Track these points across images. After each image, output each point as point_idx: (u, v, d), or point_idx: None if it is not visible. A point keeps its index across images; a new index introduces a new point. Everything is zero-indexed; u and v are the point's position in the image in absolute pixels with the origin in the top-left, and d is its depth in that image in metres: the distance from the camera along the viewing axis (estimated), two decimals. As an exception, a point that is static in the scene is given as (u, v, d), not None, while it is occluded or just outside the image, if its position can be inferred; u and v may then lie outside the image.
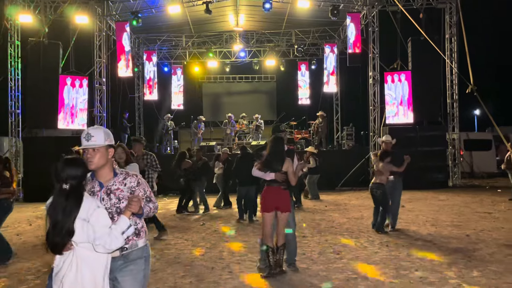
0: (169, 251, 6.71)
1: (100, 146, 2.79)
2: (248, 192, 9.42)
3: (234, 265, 5.81)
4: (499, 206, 10.58)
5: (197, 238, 7.64)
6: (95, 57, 15.84)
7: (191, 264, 5.93)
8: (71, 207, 2.48)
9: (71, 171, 2.54)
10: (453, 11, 15.92)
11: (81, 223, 2.49)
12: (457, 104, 16.26)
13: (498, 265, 5.43)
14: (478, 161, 19.04)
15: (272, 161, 5.21)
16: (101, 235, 2.49)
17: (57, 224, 2.45)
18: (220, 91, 22.82)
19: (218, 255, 6.37)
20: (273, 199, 5.18)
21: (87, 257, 2.52)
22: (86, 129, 2.86)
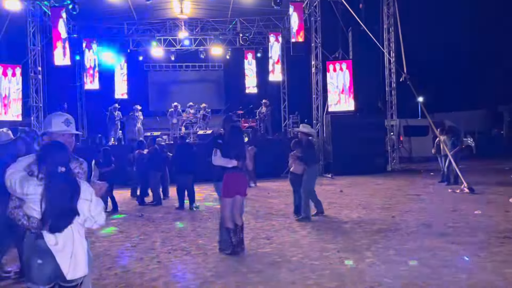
0: (101, 244, 6.62)
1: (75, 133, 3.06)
2: (187, 180, 9.47)
3: (164, 254, 5.83)
4: (428, 188, 11.23)
5: (133, 230, 7.58)
6: (29, 44, 15.08)
7: (120, 255, 5.90)
8: (73, 190, 2.62)
9: (63, 155, 2.68)
10: (391, 2, 16.50)
11: (87, 204, 2.68)
12: (395, 92, 16.96)
13: (413, 243, 5.81)
14: (416, 146, 20.01)
15: (236, 150, 5.55)
16: (98, 213, 2.74)
17: (57, 207, 2.56)
18: (167, 80, 22.44)
19: (149, 246, 6.36)
20: (236, 185, 5.57)
21: (83, 231, 2.74)
22: (62, 115, 3.03)
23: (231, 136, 5.68)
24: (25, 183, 2.59)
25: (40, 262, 2.60)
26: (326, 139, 16.50)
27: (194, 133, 17.52)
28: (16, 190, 2.61)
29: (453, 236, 6.10)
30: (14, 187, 2.61)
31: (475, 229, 6.42)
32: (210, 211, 9.08)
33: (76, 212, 2.63)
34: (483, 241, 5.72)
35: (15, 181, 2.61)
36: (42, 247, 2.61)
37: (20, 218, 2.67)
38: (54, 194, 2.56)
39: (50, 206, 2.55)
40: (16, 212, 2.68)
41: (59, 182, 2.58)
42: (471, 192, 10.07)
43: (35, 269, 2.61)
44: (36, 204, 2.58)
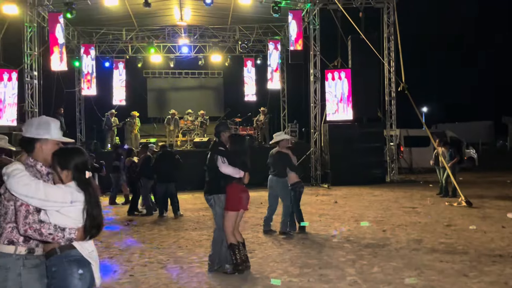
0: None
1: None
2: (168, 188, 9.46)
3: (140, 267, 5.59)
4: (425, 201, 10.92)
5: (114, 240, 7.35)
6: (26, 49, 15.01)
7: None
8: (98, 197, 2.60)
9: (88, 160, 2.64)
10: (391, 10, 16.30)
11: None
12: (395, 101, 16.69)
13: (400, 260, 5.53)
14: (417, 157, 19.67)
15: (247, 162, 5.21)
16: None
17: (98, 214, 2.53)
18: (166, 87, 22.32)
19: (127, 258, 6.13)
20: (244, 198, 5.18)
21: None
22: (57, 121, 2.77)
23: (236, 144, 5.29)
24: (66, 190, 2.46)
25: (81, 272, 2.47)
26: (323, 148, 16.25)
27: (191, 140, 17.34)
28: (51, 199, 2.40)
29: (443, 253, 5.81)
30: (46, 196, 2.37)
31: (467, 246, 6.13)
32: (197, 221, 8.84)
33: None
34: (473, 259, 5.43)
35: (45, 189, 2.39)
36: (79, 257, 2.47)
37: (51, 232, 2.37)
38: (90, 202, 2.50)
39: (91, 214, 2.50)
40: (44, 226, 2.37)
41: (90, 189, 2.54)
42: (469, 205, 9.75)
43: (76, 280, 2.44)
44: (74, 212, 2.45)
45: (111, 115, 17.18)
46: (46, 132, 2.61)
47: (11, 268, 2.43)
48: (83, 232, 2.45)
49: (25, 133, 2.61)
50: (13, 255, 2.45)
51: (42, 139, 2.59)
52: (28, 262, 2.47)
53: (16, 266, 2.44)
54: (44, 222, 2.39)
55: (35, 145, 2.59)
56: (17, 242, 2.45)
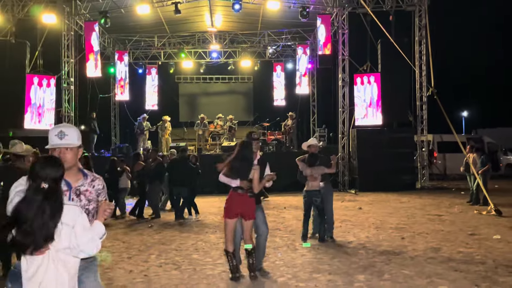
0: (99, 254, 6.65)
1: (74, 146, 2.74)
2: (180, 193, 9.70)
3: (155, 268, 5.78)
4: (453, 208, 10.61)
5: (135, 241, 7.60)
6: (63, 56, 15.76)
7: (113, 267, 5.90)
8: (52, 210, 2.35)
9: (51, 171, 2.42)
10: (422, 13, 15.95)
11: (66, 229, 2.39)
12: (426, 106, 16.29)
13: (413, 268, 5.44)
14: (451, 164, 19.06)
15: (239, 168, 5.08)
16: (86, 242, 2.42)
17: (32, 224, 2.30)
18: (197, 92, 22.78)
19: (144, 258, 6.34)
20: (238, 206, 5.09)
21: (67, 262, 2.43)
22: (58, 127, 2.76)
23: (237, 152, 5.24)
24: (15, 198, 2.41)
25: (9, 286, 2.44)
26: (351, 153, 16.06)
27: (220, 144, 17.60)
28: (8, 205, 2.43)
29: (459, 262, 5.66)
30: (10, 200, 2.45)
31: (486, 256, 5.94)
32: (217, 225, 8.99)
33: (49, 236, 2.33)
34: (489, 270, 5.26)
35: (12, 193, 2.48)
36: (15, 270, 2.43)
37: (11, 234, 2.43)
38: (27, 208, 2.32)
39: (21, 225, 2.30)
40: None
41: (37, 197, 2.34)
42: (498, 214, 9.39)
43: None
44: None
45: (143, 119, 17.70)
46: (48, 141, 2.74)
47: None
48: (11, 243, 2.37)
49: None
50: None
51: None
52: None
53: None
54: None
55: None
56: None
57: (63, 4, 15.38)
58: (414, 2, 16.00)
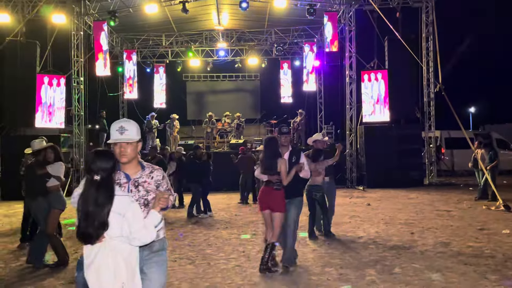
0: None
1: (134, 141, 2.84)
2: (194, 189, 9.93)
3: (169, 262, 5.88)
4: (462, 204, 10.66)
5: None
6: (73, 56, 15.94)
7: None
8: (103, 199, 2.52)
9: (101, 163, 2.57)
10: (430, 10, 15.95)
11: (117, 217, 2.52)
12: (433, 102, 16.30)
13: (423, 262, 5.53)
14: (459, 160, 19.05)
15: (266, 163, 5.31)
16: (138, 229, 2.54)
17: (88, 215, 2.49)
18: (204, 90, 22.93)
19: (159, 253, 6.47)
20: (265, 199, 5.33)
21: (123, 250, 2.55)
22: (119, 122, 2.86)
23: (264, 148, 5.47)
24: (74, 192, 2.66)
25: (76, 275, 2.68)
26: (359, 150, 16.13)
27: (227, 142, 17.73)
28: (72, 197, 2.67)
29: (468, 256, 5.74)
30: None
31: (495, 250, 6.01)
32: (228, 221, 9.12)
33: (104, 224, 2.49)
34: (499, 263, 5.35)
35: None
36: (81, 259, 2.59)
37: None
38: (84, 203, 2.52)
39: (82, 214, 2.50)
40: None
41: (91, 190, 2.52)
42: (507, 210, 9.44)
43: (80, 278, 2.61)
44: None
45: (151, 117, 17.86)
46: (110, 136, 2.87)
47: None
48: (76, 229, 2.55)
49: None
50: None
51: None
52: None
53: None
54: None
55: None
56: None
57: (72, 4, 15.56)
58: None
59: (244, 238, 7.36)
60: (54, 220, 5.98)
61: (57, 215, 6.02)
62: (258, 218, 9.38)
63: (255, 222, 8.86)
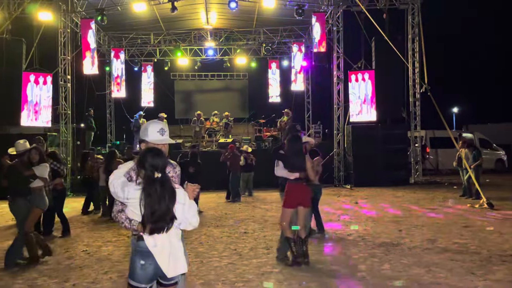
0: (106, 248, 6.84)
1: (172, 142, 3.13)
2: None
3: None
4: (447, 202, 10.91)
5: (140, 235, 7.75)
6: (60, 54, 15.79)
7: (121, 261, 6.05)
8: (170, 196, 2.74)
9: (161, 161, 2.78)
10: (415, 11, 16.22)
11: (181, 207, 2.80)
12: (419, 102, 16.59)
13: (411, 258, 5.68)
14: (444, 159, 19.43)
15: (297, 162, 5.47)
16: (192, 215, 2.86)
17: (157, 211, 2.69)
18: (192, 88, 22.89)
19: (151, 251, 6.50)
20: (298, 196, 5.49)
21: (178, 233, 2.88)
22: (157, 124, 3.03)
23: (289, 146, 5.58)
24: (125, 188, 2.76)
25: (143, 263, 2.75)
26: (347, 149, 16.33)
27: (216, 141, 17.76)
28: (118, 194, 2.79)
29: (455, 252, 5.92)
30: (116, 191, 2.79)
31: (480, 246, 6.20)
32: (219, 219, 9.18)
33: (173, 216, 2.76)
34: (484, 259, 5.53)
35: (117, 186, 2.79)
36: (144, 248, 2.75)
37: (123, 221, 2.82)
38: (151, 199, 2.70)
39: (149, 210, 2.69)
40: (120, 215, 2.83)
41: (156, 187, 2.71)
42: (490, 207, 9.70)
43: (138, 269, 2.76)
44: (136, 208, 2.73)
45: (139, 116, 17.79)
46: (145, 135, 3.00)
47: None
48: (141, 225, 2.74)
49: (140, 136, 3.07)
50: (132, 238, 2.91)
51: (143, 140, 3.01)
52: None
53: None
54: (120, 212, 2.83)
55: (141, 145, 3.06)
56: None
57: (59, 1, 15.41)
58: (407, 1, 16.26)
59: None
60: (34, 218, 6.18)
61: (38, 214, 6.25)
62: (247, 216, 9.48)
63: (246, 220, 8.95)
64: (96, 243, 7.18)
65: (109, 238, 7.59)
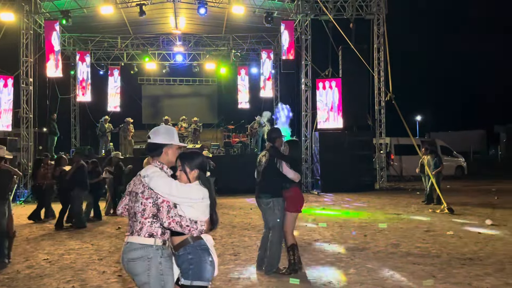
0: (69, 256, 6.63)
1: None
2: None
3: (128, 268, 5.83)
4: (410, 208, 11.23)
5: (104, 244, 7.58)
6: (22, 56, 15.29)
7: (84, 269, 5.90)
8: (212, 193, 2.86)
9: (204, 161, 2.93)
10: (381, 22, 16.72)
11: None
12: (384, 110, 17.06)
13: (375, 262, 5.81)
14: (407, 165, 20.00)
15: (299, 166, 5.55)
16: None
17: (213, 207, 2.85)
18: (160, 93, 22.66)
19: (117, 259, 6.36)
20: (302, 200, 5.47)
21: None
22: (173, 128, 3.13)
23: (293, 150, 5.43)
24: (193, 188, 2.79)
25: (211, 260, 2.79)
26: (314, 156, 16.55)
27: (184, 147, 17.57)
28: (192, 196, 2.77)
29: (416, 256, 6.10)
30: (188, 194, 2.76)
31: (441, 250, 6.42)
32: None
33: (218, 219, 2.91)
34: (444, 262, 5.72)
35: (185, 188, 2.76)
36: (205, 246, 2.78)
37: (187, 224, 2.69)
38: (213, 199, 2.84)
39: (213, 207, 2.84)
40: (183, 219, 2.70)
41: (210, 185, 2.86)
42: (451, 212, 10.05)
43: (208, 265, 2.77)
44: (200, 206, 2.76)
45: (105, 121, 17.42)
46: (171, 139, 2.95)
47: (153, 258, 2.73)
48: (210, 224, 2.81)
49: (153, 139, 2.94)
50: (153, 246, 2.74)
51: (167, 144, 2.92)
52: (165, 252, 2.78)
53: (156, 255, 2.74)
54: (182, 216, 2.73)
55: (162, 150, 2.92)
56: (156, 235, 2.75)
57: (22, 2, 14.96)
58: (373, 11, 16.75)
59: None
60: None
61: None
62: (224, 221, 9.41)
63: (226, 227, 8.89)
64: (58, 251, 6.95)
65: (71, 246, 7.37)
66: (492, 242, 6.88)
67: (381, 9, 16.65)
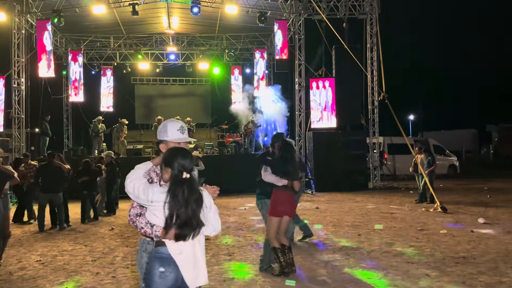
0: (62, 257, 6.59)
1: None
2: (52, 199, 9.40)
3: (122, 269, 5.81)
4: (404, 207, 11.28)
5: (98, 245, 7.54)
6: (13, 56, 15.15)
7: (78, 270, 5.86)
8: (197, 197, 2.54)
9: (190, 161, 2.58)
10: (374, 21, 16.78)
11: (206, 211, 2.60)
12: (377, 110, 17.12)
13: (369, 262, 5.83)
14: (401, 164, 20.10)
15: (289, 168, 5.25)
16: (217, 219, 2.68)
17: (181, 214, 2.47)
18: (153, 93, 22.58)
19: (110, 260, 6.33)
20: (285, 205, 5.26)
21: (202, 238, 2.64)
22: (177, 122, 2.87)
23: (283, 153, 5.33)
24: (149, 189, 2.55)
25: (163, 270, 2.53)
26: (308, 155, 16.58)
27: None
28: (140, 196, 2.56)
29: (410, 255, 6.13)
30: (137, 193, 2.56)
31: (434, 249, 6.45)
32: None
33: (200, 221, 2.55)
34: (438, 261, 5.75)
35: (138, 187, 2.57)
36: (164, 255, 2.54)
37: (142, 226, 2.62)
38: (177, 201, 2.49)
39: (174, 213, 2.48)
40: (138, 220, 2.64)
41: (183, 188, 2.51)
42: (444, 211, 10.12)
43: (156, 277, 2.52)
44: (160, 211, 2.52)
45: (98, 121, 17.31)
46: (164, 134, 2.84)
47: (140, 249, 2.86)
48: (164, 230, 2.51)
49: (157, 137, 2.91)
50: (141, 239, 2.84)
51: (162, 140, 2.85)
52: (149, 247, 2.77)
53: (142, 247, 2.84)
54: (140, 216, 2.64)
55: (160, 147, 2.87)
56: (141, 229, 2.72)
57: (13, 1, 14.82)
58: (366, 11, 16.81)
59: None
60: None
61: None
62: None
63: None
64: (51, 253, 6.90)
65: (65, 247, 7.32)
66: (485, 241, 6.93)
67: (374, 9, 16.71)
